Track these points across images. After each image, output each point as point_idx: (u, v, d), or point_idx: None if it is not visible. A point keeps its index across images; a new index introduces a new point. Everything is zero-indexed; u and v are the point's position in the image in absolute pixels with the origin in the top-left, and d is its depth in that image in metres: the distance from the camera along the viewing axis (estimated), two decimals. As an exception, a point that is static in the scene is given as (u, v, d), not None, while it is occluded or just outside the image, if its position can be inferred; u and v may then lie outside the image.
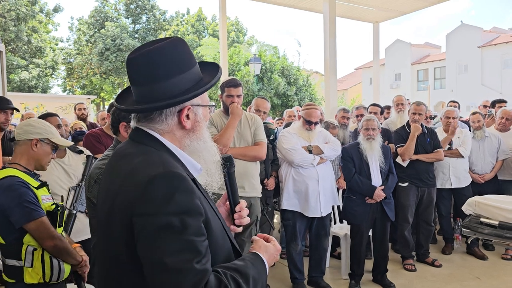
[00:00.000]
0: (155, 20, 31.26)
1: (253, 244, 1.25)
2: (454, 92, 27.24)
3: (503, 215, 2.81)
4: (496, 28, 31.06)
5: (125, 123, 2.03)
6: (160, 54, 1.13)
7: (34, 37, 26.31)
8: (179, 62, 1.15)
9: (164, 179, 1.03)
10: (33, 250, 2.05)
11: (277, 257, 1.27)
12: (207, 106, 1.23)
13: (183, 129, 1.18)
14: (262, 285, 1.17)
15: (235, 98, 3.33)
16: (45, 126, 2.23)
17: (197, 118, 1.20)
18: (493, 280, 4.09)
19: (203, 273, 0.99)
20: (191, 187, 1.06)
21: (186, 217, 1.01)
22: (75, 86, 30.58)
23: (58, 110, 11.63)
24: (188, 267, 0.98)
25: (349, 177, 3.91)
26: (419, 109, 4.47)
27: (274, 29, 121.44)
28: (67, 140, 2.41)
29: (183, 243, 1.00)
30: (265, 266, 1.19)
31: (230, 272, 1.07)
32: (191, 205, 1.03)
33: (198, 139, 1.20)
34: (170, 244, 0.99)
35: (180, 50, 1.16)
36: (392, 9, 9.15)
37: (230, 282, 1.04)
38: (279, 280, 4.11)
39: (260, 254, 1.21)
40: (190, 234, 1.00)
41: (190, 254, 0.99)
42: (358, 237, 3.92)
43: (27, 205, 2.00)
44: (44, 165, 2.23)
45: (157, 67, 1.13)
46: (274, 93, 16.00)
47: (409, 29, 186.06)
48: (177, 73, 1.14)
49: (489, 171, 4.87)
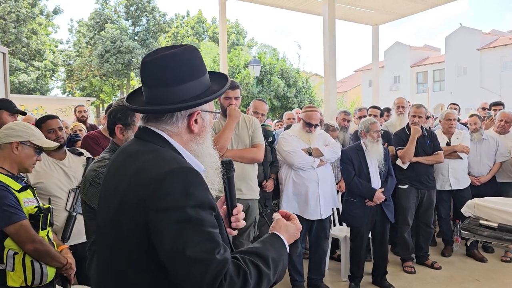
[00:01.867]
0: (155, 22, 31.31)
1: (274, 223, 1.28)
2: (453, 94, 27.27)
3: (502, 217, 2.81)
4: (495, 30, 31.16)
5: (121, 125, 1.99)
6: (175, 60, 1.19)
7: (34, 39, 26.32)
8: (192, 68, 1.22)
9: (180, 174, 1.08)
10: (14, 254, 2.04)
11: (297, 235, 1.29)
12: (213, 113, 1.30)
13: (190, 133, 1.24)
14: (284, 265, 1.19)
15: (232, 100, 3.31)
16: (26, 128, 2.21)
17: (204, 124, 1.26)
18: (493, 282, 4.09)
19: (224, 263, 1.03)
20: (204, 182, 1.11)
21: (202, 210, 1.06)
22: (75, 88, 30.59)
23: (58, 112, 11.60)
24: (210, 257, 1.02)
25: (349, 180, 3.91)
26: (419, 111, 4.47)
27: (273, 31, 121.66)
28: (51, 141, 2.37)
29: (203, 235, 1.04)
30: (285, 246, 1.22)
31: (248, 256, 1.11)
32: (206, 199, 1.09)
33: (202, 143, 1.26)
34: (191, 236, 1.03)
35: (193, 57, 1.23)
36: (391, 11, 9.17)
37: (249, 267, 1.08)
38: (278, 283, 4.09)
39: (280, 234, 1.23)
40: (207, 226, 1.06)
41: (210, 245, 1.04)
42: (358, 240, 3.92)
43: (6, 209, 2.00)
44: (28, 167, 2.22)
45: (171, 72, 1.19)
46: (274, 95, 16.01)
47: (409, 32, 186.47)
48: (189, 79, 1.20)
49: (485, 173, 4.88)
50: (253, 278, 1.07)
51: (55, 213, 2.65)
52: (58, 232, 2.69)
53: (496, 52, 27.07)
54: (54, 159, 2.88)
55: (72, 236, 2.72)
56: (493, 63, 27.05)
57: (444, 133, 4.80)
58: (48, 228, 2.22)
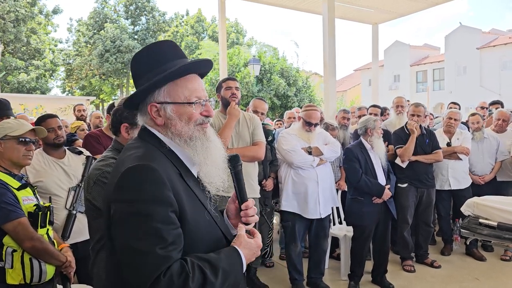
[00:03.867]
0: (154, 21, 31.30)
1: (235, 238, 1.27)
2: (453, 93, 27.27)
3: (502, 216, 2.81)
4: (495, 29, 31.14)
5: (127, 124, 1.99)
6: (134, 59, 1.31)
7: (33, 38, 26.29)
8: (150, 61, 1.28)
9: (137, 170, 1.12)
10: (13, 252, 2.05)
11: (257, 253, 1.30)
12: (180, 104, 1.25)
13: (158, 125, 1.26)
14: (236, 278, 1.20)
15: (233, 90, 3.38)
16: (3, 124, 2.22)
17: (167, 115, 1.25)
18: (492, 281, 4.10)
19: (165, 259, 1.06)
20: (161, 179, 1.12)
21: (153, 206, 1.09)
22: (74, 87, 30.58)
23: (57, 111, 11.60)
24: (150, 251, 1.06)
25: (357, 178, 3.81)
26: (418, 110, 4.48)
27: (273, 30, 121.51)
28: (26, 125, 2.30)
29: (149, 229, 1.07)
30: (241, 261, 1.22)
31: (199, 262, 1.12)
32: (159, 195, 1.10)
33: (176, 136, 1.25)
34: (137, 229, 1.08)
35: (153, 50, 1.30)
36: (391, 10, 9.17)
37: (194, 271, 1.09)
38: (278, 281, 4.11)
39: (239, 249, 1.23)
40: (156, 221, 1.08)
41: (154, 239, 1.07)
42: (362, 239, 3.89)
43: (4, 206, 2.00)
44: (20, 161, 2.21)
45: (133, 70, 1.32)
46: (274, 94, 16.02)
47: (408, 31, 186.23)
48: (145, 73, 1.27)
49: (488, 172, 4.88)
50: (195, 283, 1.07)
51: (55, 212, 2.65)
52: (58, 231, 2.69)
53: (496, 51, 27.07)
54: (53, 158, 2.88)
55: (72, 235, 2.73)
56: (493, 62, 27.05)
57: (445, 133, 4.79)
58: (48, 226, 2.23)
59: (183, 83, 1.26)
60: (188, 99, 1.25)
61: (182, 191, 1.17)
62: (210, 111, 1.30)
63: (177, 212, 1.13)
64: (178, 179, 1.19)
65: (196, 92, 1.27)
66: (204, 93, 1.29)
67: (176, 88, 1.25)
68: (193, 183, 1.25)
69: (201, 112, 1.27)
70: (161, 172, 1.13)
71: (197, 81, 1.29)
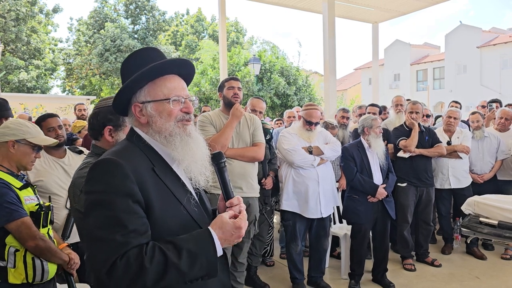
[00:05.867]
0: (154, 20, 31.25)
1: (214, 220, 1.27)
2: (453, 92, 27.26)
3: (502, 215, 2.81)
4: (495, 28, 31.09)
5: (111, 127, 1.88)
6: (124, 62, 1.39)
7: (33, 37, 26.28)
8: (134, 66, 1.33)
9: (101, 164, 1.21)
10: (15, 251, 2.05)
11: (237, 233, 1.24)
12: (159, 101, 1.31)
13: (142, 124, 1.33)
14: (209, 259, 1.18)
15: (236, 90, 3.39)
16: (22, 126, 2.20)
17: (149, 113, 1.31)
18: (493, 280, 4.10)
19: (123, 245, 1.11)
20: (124, 172, 1.18)
21: (115, 197, 1.15)
22: (75, 87, 30.55)
23: (57, 111, 11.62)
24: (110, 238, 1.11)
25: (351, 176, 3.89)
26: (416, 107, 4.48)
27: (273, 29, 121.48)
28: (48, 138, 2.34)
29: (110, 218, 1.13)
30: (211, 241, 1.20)
31: (161, 244, 1.15)
32: (121, 187, 1.16)
33: (156, 132, 1.31)
34: (99, 218, 1.14)
35: (137, 56, 1.37)
36: (391, 9, 9.17)
37: (154, 253, 1.12)
38: (279, 280, 4.11)
39: (211, 229, 1.22)
40: (118, 211, 1.13)
41: (114, 227, 1.12)
42: (359, 237, 3.91)
43: (7, 206, 2.00)
44: (26, 165, 2.22)
45: (122, 73, 1.38)
46: (274, 93, 16.01)
47: (408, 30, 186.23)
48: (127, 76, 1.32)
49: (488, 171, 4.88)
50: (153, 264, 1.10)
51: (55, 211, 2.65)
52: (58, 230, 2.69)
53: (496, 50, 27.04)
54: (54, 157, 2.88)
55: (73, 234, 2.72)
56: (493, 61, 27.02)
57: (445, 132, 4.79)
58: (48, 226, 2.23)
59: (162, 82, 1.32)
60: (166, 96, 1.31)
61: (152, 185, 1.21)
62: (190, 108, 1.34)
63: (141, 203, 1.17)
64: (150, 173, 1.24)
65: (175, 91, 1.32)
66: (184, 91, 1.35)
67: (155, 88, 1.31)
68: (170, 178, 1.29)
69: (181, 108, 1.32)
70: (125, 166, 1.18)
71: (176, 81, 1.35)
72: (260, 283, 3.90)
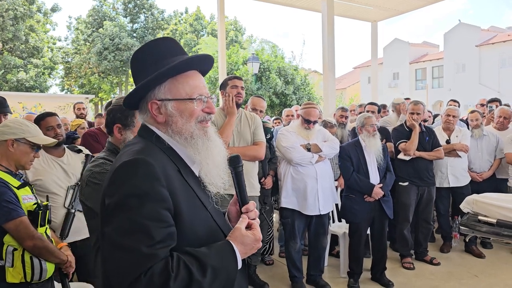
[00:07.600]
0: (153, 19, 31.23)
1: (231, 232, 1.20)
2: (452, 91, 27.27)
3: (501, 213, 2.82)
4: (494, 27, 31.08)
5: (120, 125, 1.97)
6: (133, 58, 1.29)
7: (32, 36, 26.22)
8: (149, 59, 1.25)
9: (128, 165, 1.09)
10: (13, 250, 2.05)
11: (256, 246, 1.20)
12: (181, 100, 1.22)
13: (159, 123, 1.23)
14: (229, 275, 1.12)
15: (239, 89, 3.40)
16: (22, 125, 2.20)
17: (168, 112, 1.22)
18: (491, 278, 4.11)
19: (150, 257, 1.00)
20: (155, 174, 1.08)
21: (142, 201, 1.04)
22: (73, 86, 30.52)
23: (56, 110, 11.60)
24: (135, 248, 1.00)
25: (348, 176, 3.91)
26: (417, 108, 4.47)
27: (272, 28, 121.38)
28: (47, 138, 2.35)
29: (135, 225, 1.02)
30: (234, 257, 1.14)
31: (186, 257, 1.05)
32: (150, 190, 1.06)
33: (176, 133, 1.22)
34: (122, 223, 1.03)
35: (152, 47, 1.27)
36: (390, 8, 9.17)
37: (179, 269, 1.02)
38: (278, 279, 4.11)
39: (233, 243, 1.15)
40: (144, 217, 1.03)
41: (140, 236, 1.02)
42: (356, 236, 3.93)
43: (5, 205, 2.00)
44: (25, 164, 2.22)
45: (134, 66, 1.29)
46: (272, 92, 16.00)
47: (408, 28, 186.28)
48: (146, 69, 1.24)
49: (487, 169, 4.88)
50: (178, 282, 1.01)
51: (54, 210, 2.66)
52: (57, 229, 2.69)
53: (495, 49, 27.04)
54: (53, 156, 2.88)
55: (71, 233, 2.72)
56: (492, 59, 27.03)
57: (444, 130, 4.79)
58: (46, 225, 2.23)
59: (184, 79, 1.23)
60: (189, 95, 1.22)
61: (180, 188, 1.13)
62: (212, 108, 1.27)
63: (170, 210, 1.08)
64: (177, 175, 1.16)
65: (198, 89, 1.24)
66: (205, 90, 1.27)
67: (176, 85, 1.22)
68: (193, 181, 1.22)
69: (202, 108, 1.25)
70: (156, 167, 1.09)
71: (198, 78, 1.27)
72: (259, 282, 3.91)
